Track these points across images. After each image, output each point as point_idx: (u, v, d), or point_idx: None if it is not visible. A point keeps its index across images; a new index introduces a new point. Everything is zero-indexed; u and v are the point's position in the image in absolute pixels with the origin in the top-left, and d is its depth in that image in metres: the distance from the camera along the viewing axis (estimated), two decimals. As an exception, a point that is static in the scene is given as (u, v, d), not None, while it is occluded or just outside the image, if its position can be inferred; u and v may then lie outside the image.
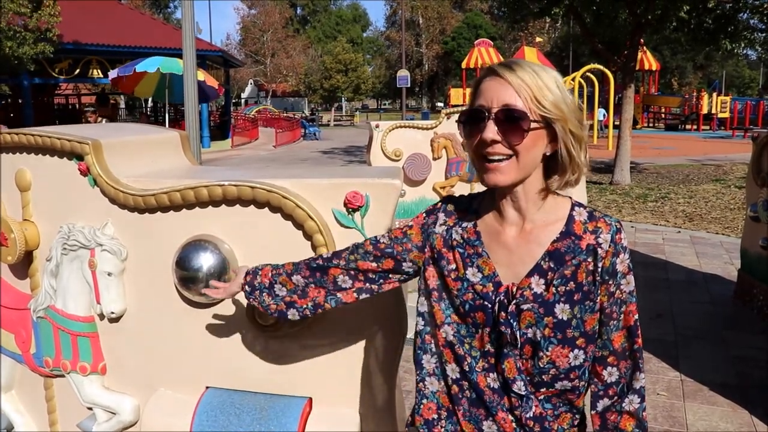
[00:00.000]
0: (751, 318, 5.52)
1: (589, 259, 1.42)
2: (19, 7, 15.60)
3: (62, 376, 2.47)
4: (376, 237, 1.68)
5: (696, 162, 18.61)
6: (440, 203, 1.63)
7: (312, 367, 2.14)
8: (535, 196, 1.45)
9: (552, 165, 1.45)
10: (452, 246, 1.52)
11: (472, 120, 1.42)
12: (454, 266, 1.51)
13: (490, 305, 1.44)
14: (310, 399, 2.15)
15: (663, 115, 37.58)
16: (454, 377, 1.51)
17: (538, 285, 1.42)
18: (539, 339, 1.40)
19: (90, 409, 2.42)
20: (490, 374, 1.47)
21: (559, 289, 1.40)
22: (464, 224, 1.54)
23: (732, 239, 8.50)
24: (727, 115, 33.10)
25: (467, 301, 1.47)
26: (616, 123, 18.29)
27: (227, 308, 2.16)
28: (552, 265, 1.42)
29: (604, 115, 27.24)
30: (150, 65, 14.78)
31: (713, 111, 33.25)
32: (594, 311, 1.42)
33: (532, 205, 1.45)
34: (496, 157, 1.38)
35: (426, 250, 1.58)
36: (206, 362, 2.23)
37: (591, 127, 23.82)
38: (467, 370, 1.49)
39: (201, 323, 2.21)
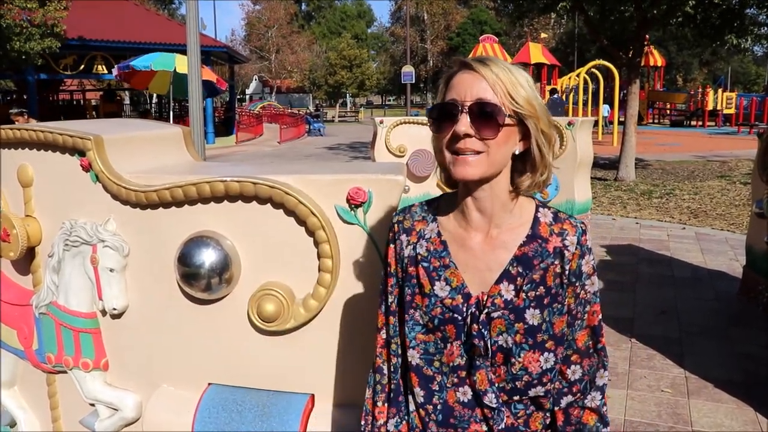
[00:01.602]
0: (757, 315, 5.50)
1: (557, 262, 1.40)
2: (25, 2, 15.62)
3: (64, 372, 2.46)
4: (386, 303, 1.58)
5: (701, 158, 18.56)
6: (395, 224, 1.56)
7: (314, 364, 2.13)
8: (503, 198, 1.42)
9: (519, 166, 1.43)
10: (417, 261, 1.48)
11: (443, 114, 1.38)
12: (417, 283, 1.47)
13: (460, 318, 1.41)
14: (312, 396, 2.14)
15: (668, 112, 37.48)
16: (419, 401, 1.49)
17: (507, 291, 1.40)
18: (510, 346, 1.38)
19: (92, 405, 2.42)
20: (460, 388, 1.45)
21: (529, 294, 1.39)
22: (428, 235, 1.49)
23: (737, 236, 8.47)
24: (732, 111, 33.00)
25: (436, 316, 1.43)
26: (621, 119, 18.24)
27: (230, 305, 2.16)
28: (521, 270, 1.40)
29: (608, 111, 27.17)
30: (144, 62, 14.85)
31: (719, 107, 33.16)
32: (562, 313, 1.41)
33: (499, 207, 1.42)
34: (468, 153, 1.35)
35: (401, 271, 1.54)
36: (208, 359, 2.23)
37: (596, 123, 23.76)
38: (437, 389, 1.47)
39: (203, 320, 2.20)
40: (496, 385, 1.42)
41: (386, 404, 1.59)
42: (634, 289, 6.27)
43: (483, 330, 1.39)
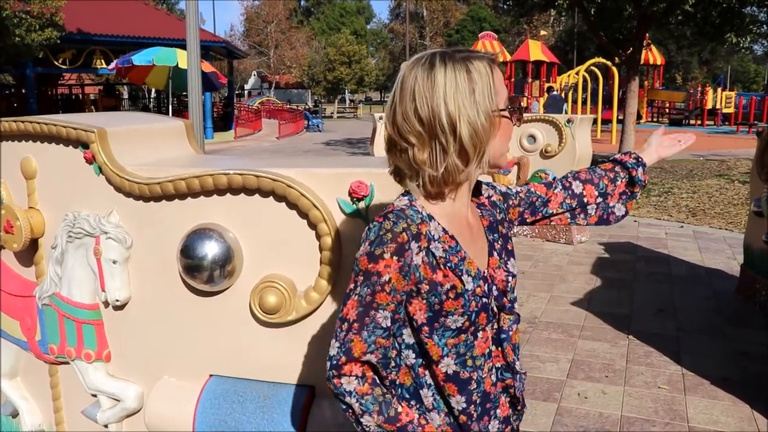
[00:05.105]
0: (754, 313, 5.52)
1: (496, 211, 1.61)
2: None
3: (67, 363, 2.48)
4: (379, 325, 1.35)
5: (700, 157, 18.56)
6: (404, 233, 1.34)
7: (315, 357, 2.14)
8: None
9: None
10: (439, 265, 1.39)
11: (519, 107, 1.55)
12: (450, 284, 1.38)
13: (488, 301, 1.46)
14: (313, 388, 2.16)
15: (667, 110, 37.47)
16: (460, 408, 1.44)
17: (500, 258, 1.54)
18: (514, 298, 1.55)
19: (94, 396, 2.44)
20: (492, 370, 1.49)
21: (502, 253, 1.55)
22: (436, 235, 1.40)
23: (735, 234, 8.49)
24: (731, 110, 33.00)
25: (473, 311, 1.41)
26: (620, 117, 18.25)
27: (232, 297, 2.17)
28: (495, 236, 1.56)
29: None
30: (145, 57, 14.80)
31: (718, 106, 33.16)
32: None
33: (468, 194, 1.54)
34: None
35: (407, 284, 1.37)
36: (210, 350, 2.24)
37: (594, 121, 23.76)
38: (474, 387, 1.44)
39: (205, 312, 2.21)
40: (517, 351, 1.55)
41: (403, 402, 1.42)
42: (632, 286, 6.28)
43: (510, 296, 1.53)
